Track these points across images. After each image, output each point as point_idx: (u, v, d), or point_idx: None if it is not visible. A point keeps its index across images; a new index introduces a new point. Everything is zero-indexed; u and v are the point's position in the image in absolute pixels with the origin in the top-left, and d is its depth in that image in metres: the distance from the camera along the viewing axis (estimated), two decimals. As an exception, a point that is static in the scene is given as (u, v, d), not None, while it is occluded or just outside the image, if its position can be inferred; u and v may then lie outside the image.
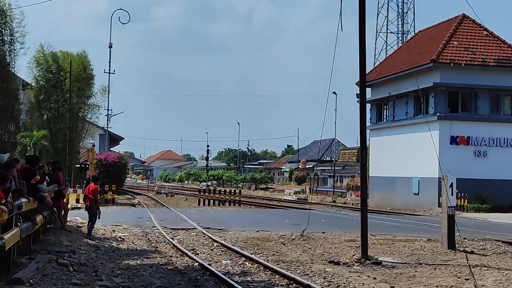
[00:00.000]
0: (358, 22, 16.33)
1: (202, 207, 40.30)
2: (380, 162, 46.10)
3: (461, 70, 40.83)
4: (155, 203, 45.28)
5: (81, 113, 47.31)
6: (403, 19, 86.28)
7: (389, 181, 44.87)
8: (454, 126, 40.90)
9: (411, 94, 43.42)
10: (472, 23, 44.00)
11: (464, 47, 41.78)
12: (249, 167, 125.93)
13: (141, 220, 26.69)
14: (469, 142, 41.12)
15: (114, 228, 22.30)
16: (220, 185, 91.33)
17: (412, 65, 42.56)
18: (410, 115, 43.92)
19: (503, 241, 20.44)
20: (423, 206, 40.91)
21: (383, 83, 46.45)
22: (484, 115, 41.48)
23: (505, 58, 41.44)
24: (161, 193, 61.34)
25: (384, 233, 22.44)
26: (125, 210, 34.07)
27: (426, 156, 41.02)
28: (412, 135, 43.34)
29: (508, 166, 41.13)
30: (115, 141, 73.37)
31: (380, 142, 43.96)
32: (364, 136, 16.56)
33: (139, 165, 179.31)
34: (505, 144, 41.49)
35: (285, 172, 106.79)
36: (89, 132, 50.70)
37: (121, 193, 52.34)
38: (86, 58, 47.20)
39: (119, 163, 50.96)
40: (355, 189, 60.91)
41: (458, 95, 41.54)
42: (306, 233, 20.87)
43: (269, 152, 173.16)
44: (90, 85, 47.24)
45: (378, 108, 48.45)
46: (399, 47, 58.19)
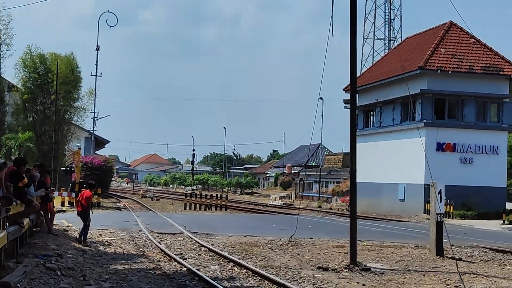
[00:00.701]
0: (350, 30, 16.31)
1: (188, 212, 40.15)
2: (367, 168, 46.11)
3: (448, 77, 41.00)
4: (140, 207, 45.09)
5: (67, 115, 47.13)
6: (390, 25, 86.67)
7: (375, 187, 44.91)
8: (440, 133, 41.03)
9: (398, 100, 43.56)
10: (460, 31, 44.20)
11: (451, 54, 41.95)
12: (234, 171, 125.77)
13: (127, 224, 26.52)
14: (455, 149, 41.28)
15: (101, 232, 22.13)
16: (205, 190, 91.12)
17: (399, 71, 42.72)
18: (397, 122, 44.05)
19: (490, 248, 20.49)
20: (409, 212, 40.99)
21: (370, 89, 46.56)
22: (471, 122, 41.66)
23: (491, 66, 41.64)
24: (146, 197, 61.11)
25: (372, 239, 22.42)
26: (110, 214, 33.85)
27: (412, 162, 41.18)
28: (399, 142, 43.48)
29: (494, 173, 41.33)
30: (101, 144, 73.09)
31: (366, 148, 43.97)
32: (354, 142, 16.54)
33: (124, 168, 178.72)
34: (490, 152, 41.67)
35: (271, 177, 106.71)
36: (74, 135, 50.54)
37: (106, 196, 52.10)
38: (74, 61, 47.05)
39: (104, 167, 50.78)
40: (341, 194, 60.96)
41: (445, 102, 41.71)
42: (294, 239, 20.81)
43: (255, 157, 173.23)
44: (77, 87, 47.08)
45: (365, 114, 48.55)
46: (386, 54, 58.37)
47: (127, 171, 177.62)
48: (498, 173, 41.55)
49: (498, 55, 42.75)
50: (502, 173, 41.94)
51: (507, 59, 42.76)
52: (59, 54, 47.45)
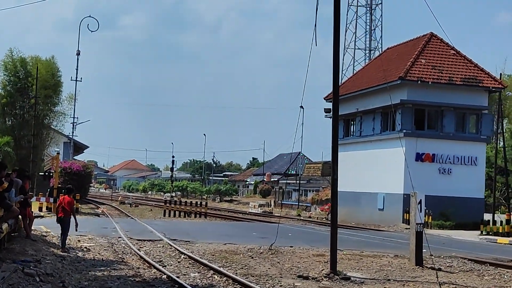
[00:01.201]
0: (333, 41, 16.35)
1: (167, 218, 39.98)
2: (346, 177, 46.13)
3: (428, 88, 41.29)
4: (119, 213, 44.83)
5: (46, 120, 46.82)
6: (371, 36, 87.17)
7: (354, 196, 45.06)
8: (420, 143, 41.30)
9: (378, 110, 43.79)
10: (440, 42, 44.55)
11: (432, 65, 42.27)
12: (214, 178, 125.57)
13: (106, 230, 26.35)
14: (434, 159, 41.55)
15: (79, 238, 21.95)
16: (185, 196, 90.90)
17: (380, 81, 42.97)
18: (377, 131, 44.27)
19: (469, 259, 20.60)
20: (387, 221, 41.16)
21: (351, 98, 46.75)
22: (450, 133, 41.97)
23: (471, 78, 41.99)
24: (125, 203, 60.77)
25: (352, 248, 22.45)
26: (89, 220, 33.61)
27: (392, 172, 41.40)
28: (378, 151, 43.70)
29: (472, 184, 41.61)
30: (80, 149, 72.66)
31: (346, 157, 44.03)
32: (335, 152, 16.56)
33: (103, 174, 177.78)
34: (469, 162, 41.99)
35: (250, 185, 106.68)
36: (53, 140, 50.24)
37: (84, 202, 51.76)
38: (55, 65, 46.81)
39: (83, 172, 50.44)
40: (320, 203, 61.03)
41: (425, 112, 41.99)
42: (274, 247, 20.79)
43: (234, 164, 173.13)
44: (57, 92, 46.81)
45: (345, 124, 48.74)
46: (367, 64, 58.66)
47: (106, 177, 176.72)
48: (476, 184, 41.84)
49: (477, 67, 43.12)
50: (480, 184, 42.25)
51: (487, 71, 43.17)
52: (39, 58, 47.18)
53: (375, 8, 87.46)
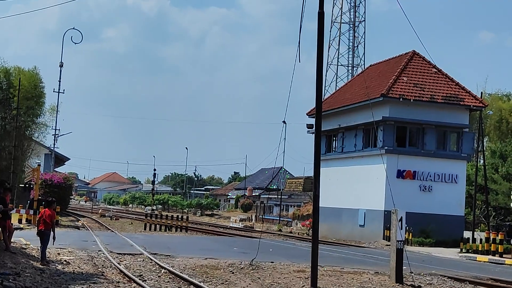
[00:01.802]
0: (316, 57, 16.47)
1: (148, 232, 39.82)
2: (328, 193, 46.31)
3: (410, 106, 41.57)
4: (99, 226, 44.59)
5: (28, 131, 46.54)
6: (354, 52, 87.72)
7: (335, 212, 45.17)
8: (401, 160, 41.50)
9: (360, 127, 44.01)
10: (422, 60, 44.90)
11: (414, 83, 42.58)
12: (195, 192, 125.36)
13: (86, 243, 26.19)
14: (415, 176, 41.76)
15: (59, 251, 21.80)
16: (166, 210, 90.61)
17: (362, 98, 43.21)
18: (359, 148, 44.46)
19: (448, 277, 20.70)
20: (368, 238, 41.26)
21: (333, 114, 46.94)
22: (431, 151, 42.21)
23: (452, 96, 42.35)
24: (105, 216, 60.49)
25: (332, 265, 22.48)
26: (69, 233, 33.40)
27: (373, 188, 41.57)
28: (360, 167, 43.88)
29: (452, 201, 41.84)
30: (61, 161, 72.23)
31: (328, 173, 44.18)
32: (318, 168, 16.61)
33: (83, 186, 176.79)
34: (449, 180, 42.23)
35: (231, 199, 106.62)
36: (34, 152, 49.93)
37: (65, 215, 51.45)
38: (37, 76, 46.60)
39: (64, 184, 50.12)
40: (301, 218, 61.16)
41: (406, 129, 42.24)
42: (255, 262, 20.77)
43: (216, 178, 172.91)
44: (39, 103, 46.58)
45: (327, 139, 48.89)
46: (350, 80, 58.99)
47: (86, 189, 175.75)
48: (456, 202, 42.07)
49: (459, 86, 43.49)
50: (460, 202, 42.48)
51: (468, 90, 43.55)
52: (22, 69, 46.96)
53: (358, 25, 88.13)
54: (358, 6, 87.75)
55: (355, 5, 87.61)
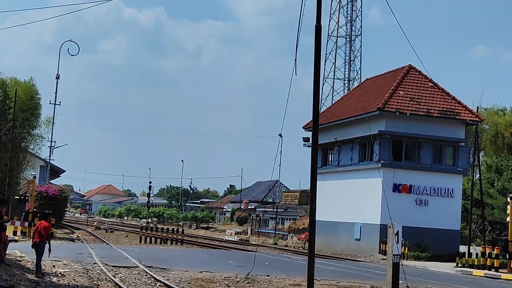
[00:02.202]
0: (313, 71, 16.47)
1: (143, 245, 39.70)
2: (323, 206, 46.18)
3: (406, 120, 41.63)
4: (94, 238, 44.46)
5: (24, 143, 46.46)
6: (350, 66, 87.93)
7: (331, 225, 45.11)
8: (397, 174, 41.50)
9: (357, 140, 44.04)
10: (418, 74, 45.02)
11: (410, 97, 42.67)
12: (190, 205, 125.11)
13: (81, 256, 26.08)
14: (411, 190, 41.76)
15: (54, 264, 21.70)
16: (161, 223, 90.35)
17: (358, 112, 43.28)
18: (355, 161, 44.47)
19: (444, 291, 20.67)
20: (364, 252, 41.19)
21: (329, 128, 46.98)
22: (427, 165, 42.24)
23: (448, 110, 42.44)
24: (100, 229, 60.32)
25: (328, 278, 22.41)
26: (64, 245, 33.28)
27: (369, 202, 41.55)
28: (356, 181, 43.86)
29: (448, 215, 41.84)
30: (56, 173, 72.12)
31: (324, 186, 44.07)
32: (314, 181, 16.57)
33: (78, 198, 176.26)
34: (445, 194, 42.23)
35: (227, 212, 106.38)
36: (30, 163, 49.83)
37: (60, 227, 51.29)
38: (33, 87, 46.56)
39: (59, 197, 49.93)
40: (297, 232, 61.02)
41: (402, 143, 42.28)
42: (251, 276, 20.70)
43: (212, 191, 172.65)
44: (35, 115, 46.54)
45: (323, 153, 48.90)
46: (346, 94, 59.10)
47: (82, 202, 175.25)
48: (452, 216, 42.08)
49: (455, 100, 43.59)
50: (456, 216, 42.48)
51: (464, 104, 43.67)
52: (19, 80, 46.95)
53: (354, 39, 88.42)
54: (354, 20, 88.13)
55: (351, 19, 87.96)
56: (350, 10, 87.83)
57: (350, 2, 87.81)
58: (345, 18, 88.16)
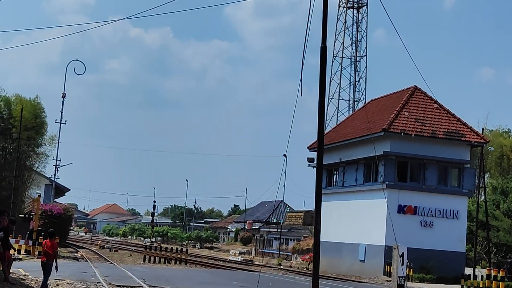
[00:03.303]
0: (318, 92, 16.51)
1: (147, 264, 39.60)
2: (328, 227, 46.16)
3: (411, 141, 41.60)
4: (98, 257, 44.37)
5: (28, 161, 46.55)
6: (355, 87, 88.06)
7: (335, 246, 44.96)
8: (402, 195, 41.38)
9: (361, 161, 44.00)
10: (424, 95, 45.05)
11: (415, 118, 42.67)
12: (194, 225, 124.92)
13: (85, 275, 26.02)
14: (416, 212, 41.60)
15: (58, 283, 21.64)
16: (165, 242, 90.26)
17: (363, 133, 43.28)
18: (360, 182, 44.38)
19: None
20: (368, 273, 41.00)
21: (334, 148, 46.97)
22: (432, 186, 42.13)
23: (453, 131, 42.41)
24: (104, 248, 60.23)
25: (332, 300, 22.33)
26: (68, 264, 33.20)
27: (374, 223, 41.41)
28: (361, 202, 43.76)
29: (453, 237, 41.63)
30: (61, 192, 72.17)
31: (329, 207, 44.08)
32: (319, 201, 16.54)
33: (83, 217, 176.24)
34: (451, 216, 42.07)
35: (231, 232, 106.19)
36: (35, 182, 49.89)
37: (64, 246, 51.25)
38: (39, 105, 46.69)
39: (64, 215, 50.08)
40: (301, 252, 60.83)
41: (407, 165, 42.20)
42: (255, 297, 20.64)
43: (216, 211, 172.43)
44: (40, 134, 46.65)
45: (328, 173, 48.83)
46: (351, 115, 59.15)
47: (86, 220, 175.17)
48: (457, 238, 41.86)
49: (460, 121, 43.58)
50: (461, 238, 42.26)
51: (469, 126, 43.65)
52: (24, 98, 47.09)
53: (359, 60, 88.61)
54: (359, 41, 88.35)
55: (356, 40, 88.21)
56: (355, 31, 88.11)
57: (355, 23, 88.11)
58: (350, 39, 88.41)
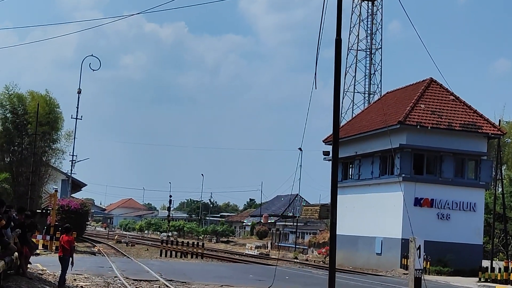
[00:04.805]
0: (333, 84, 16.46)
1: (164, 258, 39.73)
2: (344, 221, 46.00)
3: (427, 133, 41.38)
4: (115, 252, 44.58)
5: (45, 157, 46.76)
6: (370, 80, 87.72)
7: (352, 240, 44.86)
8: (418, 188, 41.19)
9: (377, 154, 43.83)
10: (439, 88, 44.79)
11: (431, 110, 42.43)
12: (210, 219, 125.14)
13: (102, 269, 26.15)
14: (433, 204, 41.41)
15: (75, 277, 21.76)
16: (181, 236, 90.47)
17: (379, 125, 43.10)
18: (376, 175, 44.23)
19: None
20: (385, 266, 40.90)
21: (350, 141, 46.84)
22: (448, 179, 41.91)
23: (470, 123, 42.14)
24: (121, 242, 60.49)
25: (349, 293, 22.28)
26: (85, 259, 33.36)
27: (390, 216, 41.28)
28: (377, 195, 43.61)
29: (470, 230, 41.42)
30: (78, 187, 72.49)
31: (344, 200, 43.91)
32: (335, 195, 16.51)
33: (99, 212, 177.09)
34: (468, 208, 41.84)
35: (247, 226, 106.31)
36: (51, 177, 50.14)
37: (81, 240, 51.51)
38: (53, 101, 46.86)
39: (81, 210, 50.28)
40: (317, 246, 60.79)
41: (424, 157, 42.00)
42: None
43: (231, 205, 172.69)
44: (56, 129, 46.82)
45: (344, 167, 48.73)
46: (366, 107, 58.94)
47: (102, 215, 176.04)
48: (474, 230, 41.63)
49: (476, 113, 43.29)
50: (478, 231, 42.04)
51: (486, 117, 43.35)
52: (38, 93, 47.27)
53: (375, 52, 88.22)
54: (374, 34, 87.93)
55: (371, 33, 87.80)
56: (370, 24, 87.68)
57: (370, 15, 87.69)
58: (365, 32, 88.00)
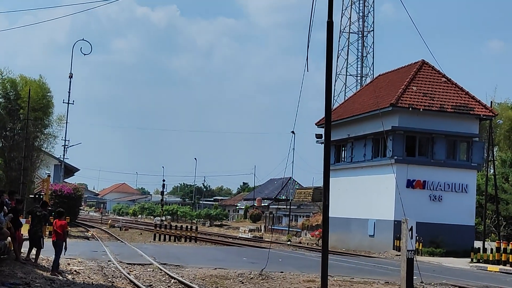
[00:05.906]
0: (325, 67, 16.47)
1: (157, 242, 39.85)
2: (337, 203, 46.07)
3: (419, 115, 41.46)
4: (109, 236, 44.65)
5: (37, 142, 46.64)
6: (363, 62, 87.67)
7: (344, 222, 45.02)
8: (410, 170, 41.34)
9: (370, 136, 43.91)
10: (431, 70, 44.81)
11: (423, 92, 42.49)
12: (204, 203, 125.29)
13: (96, 253, 26.24)
14: (425, 186, 41.56)
15: (69, 261, 21.83)
16: (174, 221, 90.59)
17: (371, 108, 43.15)
18: (368, 157, 44.34)
19: (459, 286, 20.59)
20: (378, 248, 41.11)
21: (342, 124, 46.89)
22: (440, 160, 42.05)
23: (462, 105, 42.22)
24: (115, 227, 60.56)
25: (342, 275, 22.38)
26: (78, 243, 33.45)
27: (382, 198, 41.44)
28: (369, 177, 43.74)
29: (463, 211, 41.62)
30: (70, 172, 72.44)
31: (337, 183, 43.98)
32: (327, 177, 16.57)
33: (92, 197, 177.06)
34: (460, 190, 42.02)
35: (240, 210, 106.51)
36: (44, 162, 50.05)
37: (74, 225, 51.55)
38: (45, 85, 46.67)
39: (74, 195, 50.29)
40: (310, 228, 61.00)
41: (416, 139, 42.09)
42: (265, 272, 20.70)
43: (225, 189, 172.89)
44: (47, 114, 46.67)
45: (336, 149, 48.80)
46: (359, 90, 58.93)
47: (96, 200, 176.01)
48: (467, 212, 41.84)
49: (468, 95, 43.36)
50: (470, 212, 42.24)
51: (477, 99, 43.42)
52: (30, 78, 47.07)
53: (367, 35, 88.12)
54: (366, 16, 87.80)
55: (363, 15, 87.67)
56: (362, 6, 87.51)
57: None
58: (357, 14, 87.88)
